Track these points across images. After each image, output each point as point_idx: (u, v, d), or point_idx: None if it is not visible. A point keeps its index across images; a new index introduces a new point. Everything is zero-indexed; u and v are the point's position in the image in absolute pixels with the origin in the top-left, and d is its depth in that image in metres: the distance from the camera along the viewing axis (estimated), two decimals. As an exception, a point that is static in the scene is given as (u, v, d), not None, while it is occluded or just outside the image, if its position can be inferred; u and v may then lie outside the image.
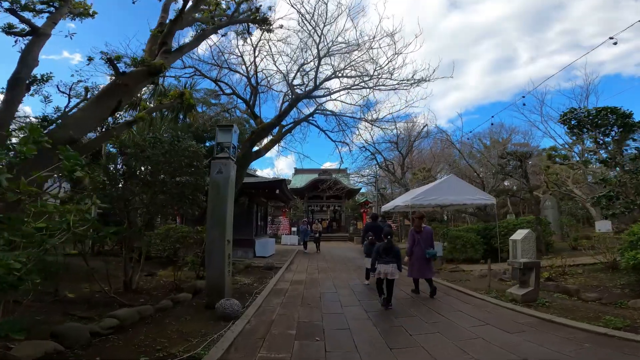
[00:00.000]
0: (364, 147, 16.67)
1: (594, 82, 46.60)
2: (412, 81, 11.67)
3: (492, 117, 15.30)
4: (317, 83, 12.67)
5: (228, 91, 13.29)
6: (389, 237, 6.01)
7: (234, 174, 6.11)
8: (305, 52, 13.06)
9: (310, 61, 12.92)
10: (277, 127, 12.74)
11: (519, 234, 8.79)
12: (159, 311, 5.20)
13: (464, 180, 15.24)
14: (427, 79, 11.58)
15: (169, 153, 5.98)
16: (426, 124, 17.52)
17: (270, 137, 12.56)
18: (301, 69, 13.11)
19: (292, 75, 13.20)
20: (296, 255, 15.11)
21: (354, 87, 13.06)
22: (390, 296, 5.74)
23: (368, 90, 12.90)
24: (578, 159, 19.07)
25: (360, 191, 34.15)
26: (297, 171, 35.39)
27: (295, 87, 13.19)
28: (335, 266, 11.82)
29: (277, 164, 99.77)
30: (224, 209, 5.60)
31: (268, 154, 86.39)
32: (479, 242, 11.25)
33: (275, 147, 13.56)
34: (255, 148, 12.15)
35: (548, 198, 18.95)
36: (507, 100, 62.29)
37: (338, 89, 13.30)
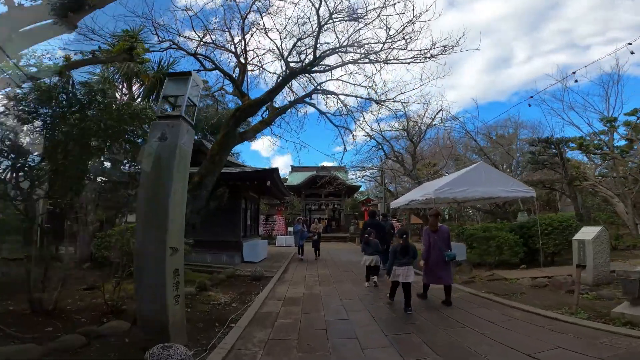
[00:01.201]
0: (369, 135, 14.48)
1: (623, 68, 44.12)
2: (439, 48, 9.43)
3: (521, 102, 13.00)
4: (317, 55, 10.45)
5: (211, 68, 11.02)
6: (404, 236, 5.80)
7: (188, 143, 3.84)
8: (304, 25, 10.86)
9: (310, 34, 10.70)
10: (268, 109, 10.57)
11: (587, 233, 6.74)
12: (54, 354, 3.03)
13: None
14: (456, 44, 9.36)
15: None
16: (441, 109, 15.29)
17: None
18: (297, 44, 10.88)
19: (287, 52, 11.01)
20: (292, 260, 12.82)
21: (361, 61, 10.85)
22: (409, 300, 5.27)
23: (376, 68, 10.69)
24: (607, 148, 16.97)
25: (360, 189, 32.02)
26: (294, 169, 33.28)
27: (290, 64, 10.99)
28: (340, 275, 9.57)
29: (274, 163, 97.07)
30: (166, 198, 3.34)
31: (265, 153, 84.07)
32: (518, 243, 9.10)
33: (270, 142, 11.37)
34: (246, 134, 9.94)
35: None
36: (504, 99, 60.32)
37: (341, 63, 11.10)
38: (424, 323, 4.67)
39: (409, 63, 10.60)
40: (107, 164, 7.02)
